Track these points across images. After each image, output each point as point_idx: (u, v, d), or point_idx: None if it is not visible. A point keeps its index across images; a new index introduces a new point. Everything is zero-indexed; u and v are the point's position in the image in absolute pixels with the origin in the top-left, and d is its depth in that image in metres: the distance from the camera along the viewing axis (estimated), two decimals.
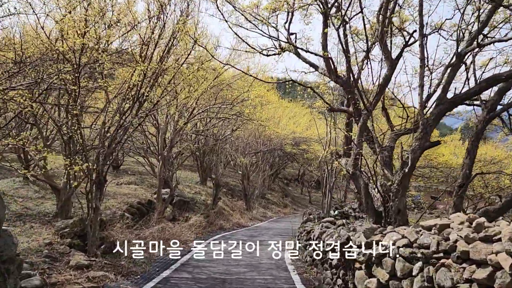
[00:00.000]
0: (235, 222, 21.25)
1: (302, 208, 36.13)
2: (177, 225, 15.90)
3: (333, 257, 7.36)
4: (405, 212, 7.56)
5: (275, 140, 29.12)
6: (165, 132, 16.60)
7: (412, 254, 5.11)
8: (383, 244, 5.55)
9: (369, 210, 8.30)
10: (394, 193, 7.47)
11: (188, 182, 25.44)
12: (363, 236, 6.11)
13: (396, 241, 5.45)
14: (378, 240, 5.77)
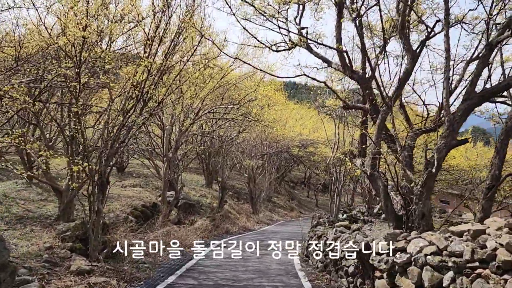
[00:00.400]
0: (242, 226, 20.77)
1: (309, 211, 35.58)
2: (182, 228, 15.47)
3: (350, 264, 6.87)
4: (430, 217, 7.05)
5: (281, 142, 28.65)
6: (170, 133, 16.19)
7: (442, 262, 4.62)
8: (408, 251, 5.06)
9: (389, 214, 7.80)
10: (418, 195, 6.96)
11: (194, 184, 25.03)
12: (384, 242, 5.63)
13: (423, 248, 4.97)
14: (402, 247, 5.28)
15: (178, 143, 15.67)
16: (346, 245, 6.94)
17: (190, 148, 18.32)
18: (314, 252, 10.82)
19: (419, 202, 6.86)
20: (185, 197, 18.81)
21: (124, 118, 9.47)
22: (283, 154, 30.12)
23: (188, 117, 15.90)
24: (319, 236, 10.62)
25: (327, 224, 12.72)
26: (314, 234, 11.46)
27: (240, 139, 26.45)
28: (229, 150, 23.16)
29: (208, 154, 23.96)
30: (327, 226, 12.31)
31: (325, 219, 14.11)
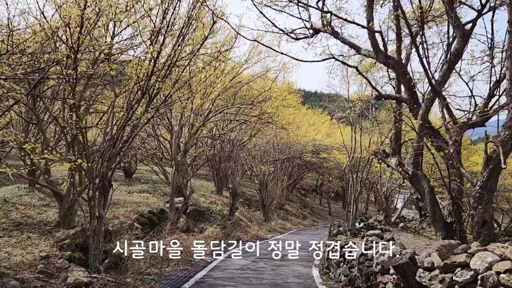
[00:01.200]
0: (253, 234, 19.74)
1: (322, 219, 34.43)
2: (191, 236, 14.52)
3: (387, 280, 5.86)
4: (492, 225, 6.01)
5: (295, 147, 27.66)
6: (179, 135, 15.33)
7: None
8: (472, 268, 4.05)
9: (437, 221, 6.77)
10: (477, 198, 5.91)
11: (203, 191, 24.11)
12: (436, 256, 4.63)
13: (493, 263, 3.95)
14: (463, 262, 4.27)
15: (188, 146, 14.79)
16: (382, 257, 5.93)
17: (200, 152, 17.43)
18: (337, 264, 9.79)
19: (478, 206, 5.81)
20: (194, 203, 17.90)
21: (128, 114, 8.60)
22: (295, 160, 29.13)
23: (198, 118, 15.03)
24: (341, 246, 9.58)
25: (348, 233, 11.67)
26: (335, 244, 10.42)
27: (251, 144, 25.55)
28: (240, 155, 22.27)
29: (219, 159, 23.04)
30: (349, 235, 11.26)
31: (345, 227, 13.06)
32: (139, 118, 8.86)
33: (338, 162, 32.21)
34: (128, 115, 8.51)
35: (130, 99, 8.92)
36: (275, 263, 12.18)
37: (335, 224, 13.83)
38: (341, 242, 10.00)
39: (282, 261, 12.65)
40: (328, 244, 11.01)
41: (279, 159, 27.02)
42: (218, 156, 21.97)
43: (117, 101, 9.04)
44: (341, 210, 43.17)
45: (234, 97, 14.67)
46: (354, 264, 8.79)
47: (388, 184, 25.78)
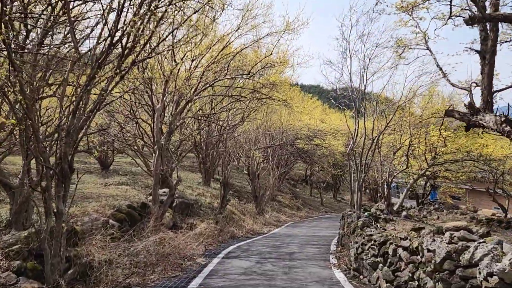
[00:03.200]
0: (249, 229, 17.52)
1: (315, 210, 32.47)
2: (179, 234, 12.20)
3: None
4: None
5: (287, 132, 25.47)
6: (162, 115, 12.94)
7: None
8: None
9: None
10: None
11: (189, 182, 21.72)
12: None
13: None
14: None
15: (172, 127, 12.40)
16: (498, 265, 3.78)
17: (187, 135, 15.04)
18: (372, 266, 7.62)
19: None
20: (181, 195, 15.54)
21: (93, 71, 6.20)
22: (288, 147, 26.97)
23: (184, 94, 12.67)
24: (381, 243, 7.41)
25: (377, 224, 9.54)
26: (366, 238, 8.25)
27: (240, 131, 23.27)
28: (228, 143, 19.98)
29: (206, 146, 20.67)
30: (379, 227, 9.12)
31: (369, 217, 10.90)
32: (109, 77, 6.46)
33: (332, 149, 30.22)
34: (93, 72, 6.11)
35: (95, 52, 6.52)
36: (285, 263, 9.98)
37: (352, 214, 11.67)
38: (375, 236, 7.84)
39: (293, 261, 10.47)
40: (356, 241, 8.83)
41: (271, 145, 24.80)
42: (206, 142, 19.60)
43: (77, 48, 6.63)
44: (332, 201, 41.38)
45: (227, 68, 12.34)
46: (402, 266, 6.65)
47: (389, 170, 23.90)
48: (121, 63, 6.57)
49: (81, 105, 6.53)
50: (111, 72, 6.60)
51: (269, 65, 11.55)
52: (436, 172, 25.58)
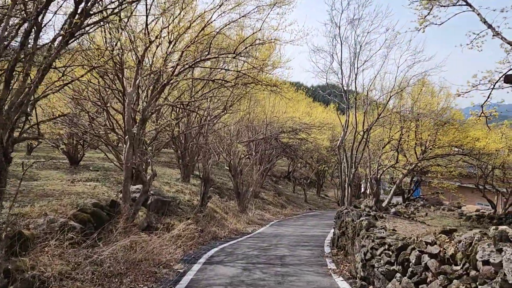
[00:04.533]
0: (232, 228, 16.08)
1: (299, 208, 31.24)
2: (154, 236, 10.66)
3: None
4: None
5: (274, 124, 24.09)
6: (134, 100, 11.36)
7: None
8: None
9: None
10: None
11: (167, 178, 20.12)
12: None
13: None
14: None
15: (146, 114, 10.83)
16: None
17: (164, 124, 13.46)
18: (385, 275, 6.30)
19: None
20: (157, 192, 13.97)
21: (29, 23, 4.65)
22: (272, 141, 25.62)
23: (161, 76, 11.12)
24: (400, 248, 6.09)
25: (384, 224, 8.25)
26: (378, 242, 6.92)
27: (222, 125, 21.78)
28: (212, 133, 18.48)
29: (185, 138, 19.09)
30: (385, 228, 7.82)
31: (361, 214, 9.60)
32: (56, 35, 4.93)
33: (317, 143, 29.05)
34: (30, 26, 4.56)
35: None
36: (276, 270, 8.60)
37: (350, 213, 10.36)
38: (389, 240, 6.52)
39: (285, 266, 9.10)
40: (363, 244, 7.49)
41: (255, 139, 23.38)
42: (185, 134, 18.03)
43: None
44: (316, 197, 40.31)
45: (209, 47, 10.83)
46: (428, 277, 5.36)
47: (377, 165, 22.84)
48: (73, 20, 5.02)
49: (21, 76, 4.98)
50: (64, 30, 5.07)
51: (258, 42, 10.14)
52: (423, 168, 24.71)
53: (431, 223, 23.11)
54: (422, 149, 22.06)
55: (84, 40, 10.94)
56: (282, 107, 24.92)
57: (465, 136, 21.01)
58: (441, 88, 23.08)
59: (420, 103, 20.62)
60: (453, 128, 21.59)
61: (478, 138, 20.96)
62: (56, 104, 14.40)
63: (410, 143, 22.37)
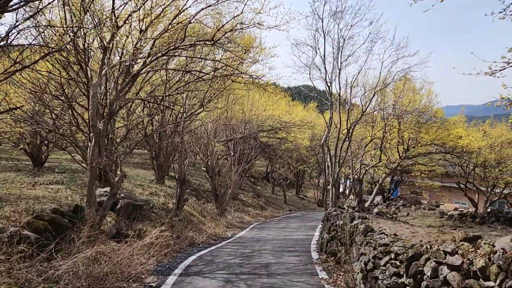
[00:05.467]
0: (210, 233, 15.00)
1: (279, 209, 30.35)
2: (124, 245, 9.50)
3: None
4: None
5: (253, 122, 23.11)
6: (103, 95, 10.18)
7: None
8: None
9: None
10: None
11: (140, 180, 18.84)
12: None
13: None
14: None
15: (114, 108, 9.66)
16: None
17: (136, 122, 12.28)
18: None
19: None
20: (128, 195, 12.75)
21: None
22: (250, 140, 24.62)
23: (131, 66, 9.99)
24: (410, 258, 5.19)
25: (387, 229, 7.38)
26: (381, 250, 6.02)
27: (198, 124, 20.67)
28: (188, 132, 17.35)
29: (159, 137, 17.88)
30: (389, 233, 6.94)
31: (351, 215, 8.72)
32: None
33: (297, 143, 28.25)
34: None
35: None
36: (263, 282, 7.61)
37: (342, 215, 9.46)
38: (399, 248, 5.62)
39: (272, 276, 8.11)
40: (362, 252, 6.57)
41: (233, 138, 22.33)
42: (159, 132, 16.82)
43: None
44: (295, 198, 39.55)
45: (184, 34, 9.71)
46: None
47: (360, 164, 22.18)
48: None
49: None
50: None
51: (239, 27, 9.11)
52: (405, 167, 24.24)
53: (414, 223, 22.61)
54: (405, 148, 21.56)
55: (41, 22, 9.67)
56: (262, 105, 23.97)
57: (448, 134, 20.59)
58: (422, 87, 22.70)
59: (403, 100, 20.10)
60: (435, 126, 21.20)
61: (460, 136, 20.57)
62: (14, 100, 13.04)
63: (392, 142, 21.84)
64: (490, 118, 23.60)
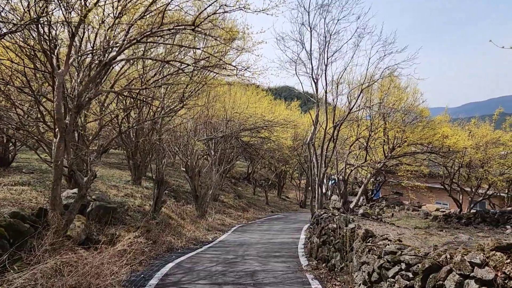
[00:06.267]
0: (190, 237, 14.07)
1: (261, 211, 29.54)
2: (93, 253, 8.51)
3: None
4: None
5: (235, 121, 22.25)
6: (73, 86, 9.18)
7: None
8: None
9: None
10: None
11: (115, 181, 17.74)
12: None
13: None
14: None
15: (82, 100, 8.67)
16: None
17: (106, 114, 11.27)
18: None
19: None
20: (100, 197, 11.70)
21: None
22: (232, 140, 23.74)
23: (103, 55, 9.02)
24: (427, 270, 4.44)
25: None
26: (388, 259, 5.26)
27: (177, 121, 19.69)
28: (166, 131, 16.36)
29: (136, 136, 16.84)
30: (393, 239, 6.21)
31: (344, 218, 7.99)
32: None
33: (280, 143, 27.52)
34: None
35: None
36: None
37: (335, 218, 8.71)
38: (411, 258, 4.86)
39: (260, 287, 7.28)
40: (364, 261, 5.81)
41: (214, 137, 21.40)
42: (136, 129, 15.78)
43: None
44: (277, 199, 38.83)
45: (162, 18, 8.78)
46: None
47: (345, 164, 21.58)
48: None
49: None
50: None
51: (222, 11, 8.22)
52: (390, 167, 23.82)
53: (399, 224, 22.16)
54: (390, 148, 21.10)
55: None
56: (244, 103, 23.12)
57: (434, 134, 20.20)
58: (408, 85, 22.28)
59: (390, 97, 19.63)
60: (420, 125, 20.83)
61: (446, 135, 20.20)
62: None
63: (377, 141, 21.36)
64: (475, 117, 23.37)
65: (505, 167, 21.53)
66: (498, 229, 19.29)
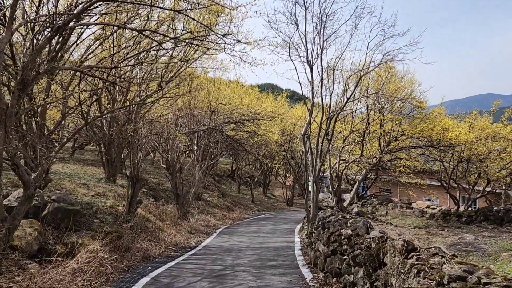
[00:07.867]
0: (170, 242, 12.25)
1: (247, 209, 27.82)
2: (46, 269, 6.67)
3: None
4: None
5: (219, 113, 20.45)
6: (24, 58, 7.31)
7: None
8: None
9: None
10: None
11: (86, 178, 15.75)
12: None
13: None
14: None
15: (28, 76, 6.79)
16: None
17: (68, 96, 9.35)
18: None
19: None
20: (61, 198, 9.76)
21: None
22: (216, 134, 21.97)
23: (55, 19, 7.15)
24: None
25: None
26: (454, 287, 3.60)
27: (156, 113, 17.84)
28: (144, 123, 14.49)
29: (109, 127, 14.89)
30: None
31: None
32: None
33: (267, 137, 25.84)
34: None
35: None
36: None
37: (346, 221, 7.04)
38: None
39: None
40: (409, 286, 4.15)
41: (197, 130, 19.55)
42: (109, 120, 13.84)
43: None
44: (263, 197, 37.17)
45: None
46: None
47: (339, 160, 20.07)
48: None
49: None
50: None
51: None
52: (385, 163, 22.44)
53: (396, 223, 20.82)
54: (386, 141, 19.71)
55: None
56: (229, 95, 21.34)
57: (433, 126, 18.86)
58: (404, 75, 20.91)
59: (389, 86, 18.22)
60: (418, 117, 19.53)
61: (447, 128, 18.88)
62: None
63: (373, 134, 19.94)
64: (475, 109, 22.14)
65: (505, 162, 20.35)
66: (504, 228, 18.07)
